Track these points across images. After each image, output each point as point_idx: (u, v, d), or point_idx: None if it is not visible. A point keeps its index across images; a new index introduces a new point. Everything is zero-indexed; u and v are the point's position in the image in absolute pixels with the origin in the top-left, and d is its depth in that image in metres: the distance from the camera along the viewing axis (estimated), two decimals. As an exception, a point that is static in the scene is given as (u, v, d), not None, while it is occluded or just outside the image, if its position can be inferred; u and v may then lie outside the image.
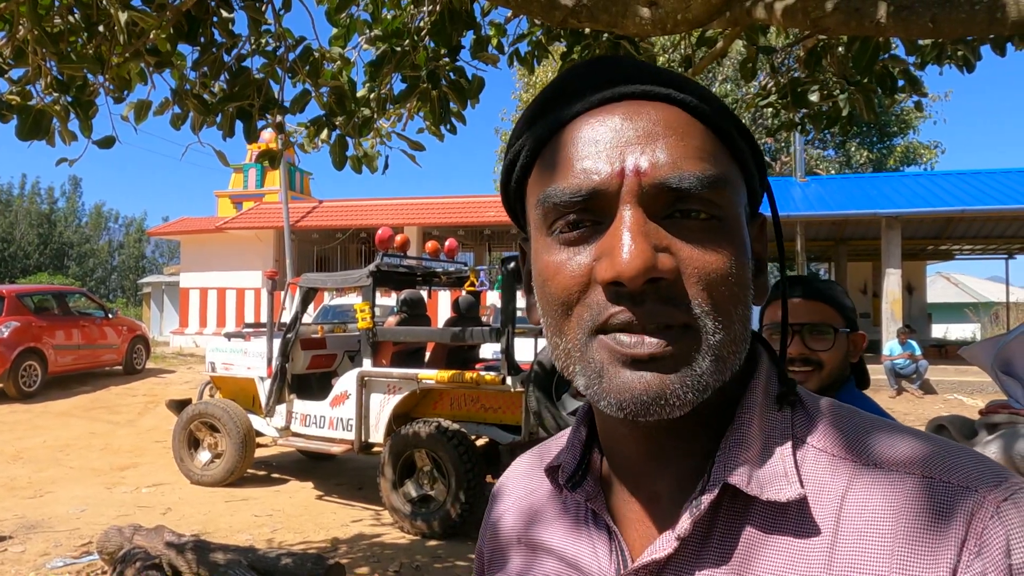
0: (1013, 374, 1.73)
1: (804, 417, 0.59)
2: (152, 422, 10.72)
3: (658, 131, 0.54)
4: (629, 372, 0.52)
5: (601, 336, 0.53)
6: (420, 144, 3.66)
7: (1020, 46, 3.83)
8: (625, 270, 0.50)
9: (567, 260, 0.55)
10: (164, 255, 49.31)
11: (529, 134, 0.60)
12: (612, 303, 0.52)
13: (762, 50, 3.88)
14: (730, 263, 0.54)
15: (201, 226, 20.41)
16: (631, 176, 0.53)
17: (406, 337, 6.74)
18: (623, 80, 0.57)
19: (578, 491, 0.63)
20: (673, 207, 0.53)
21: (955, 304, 29.39)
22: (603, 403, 0.53)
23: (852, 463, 0.54)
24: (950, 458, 0.52)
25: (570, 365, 0.56)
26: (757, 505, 0.55)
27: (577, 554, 0.63)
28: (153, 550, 4.37)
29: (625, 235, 0.51)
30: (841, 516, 0.52)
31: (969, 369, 12.78)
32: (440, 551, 5.46)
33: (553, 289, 0.56)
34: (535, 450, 0.78)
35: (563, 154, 0.56)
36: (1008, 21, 2.39)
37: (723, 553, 0.54)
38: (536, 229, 0.59)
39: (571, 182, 0.54)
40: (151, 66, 3.12)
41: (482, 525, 0.79)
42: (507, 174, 0.63)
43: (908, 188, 15.36)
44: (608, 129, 0.55)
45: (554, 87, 0.60)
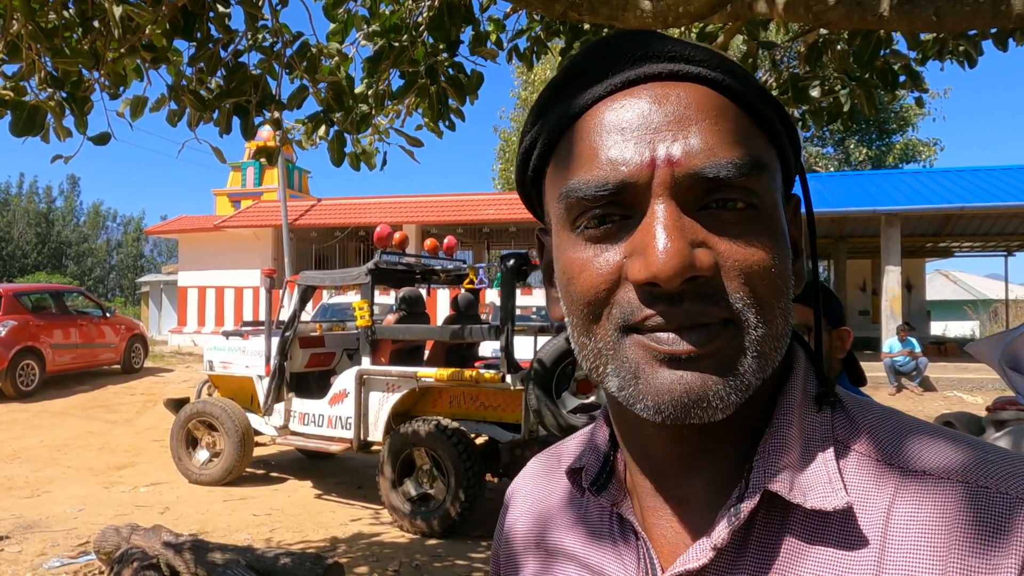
0: (1021, 370, 1.71)
1: (845, 419, 0.55)
2: (150, 421, 10.69)
3: (690, 115, 0.50)
4: (668, 372, 0.48)
5: (635, 335, 0.50)
6: (418, 140, 3.63)
7: (1021, 41, 3.81)
8: (661, 270, 0.46)
9: (594, 257, 0.51)
10: (162, 254, 49.32)
11: (546, 119, 0.56)
12: (646, 304, 0.49)
13: (763, 45, 3.86)
14: (771, 254, 0.50)
15: (199, 225, 20.38)
16: (663, 166, 0.49)
17: (405, 335, 6.72)
18: (649, 58, 0.52)
19: (603, 495, 0.60)
20: (708, 197, 0.50)
21: (954, 301, 29.42)
22: (639, 406, 0.50)
23: (899, 469, 0.51)
24: (1004, 466, 0.49)
25: (600, 366, 0.52)
26: (797, 513, 0.51)
27: (602, 562, 0.60)
28: (151, 550, 4.34)
29: (660, 232, 0.48)
30: (889, 527, 0.48)
31: (969, 366, 12.79)
32: (440, 550, 5.44)
33: (580, 288, 0.52)
34: (550, 451, 0.75)
35: (586, 143, 0.52)
36: (1013, 13, 2.37)
37: (761, 564, 0.51)
38: (559, 223, 0.55)
39: (596, 174, 0.50)
40: (147, 62, 3.09)
41: (496, 528, 0.76)
42: (523, 163, 0.59)
43: (907, 185, 15.35)
44: (635, 114, 0.50)
45: (573, 67, 0.55)
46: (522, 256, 5.78)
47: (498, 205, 18.67)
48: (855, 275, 19.69)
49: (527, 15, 4.00)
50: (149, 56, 3.02)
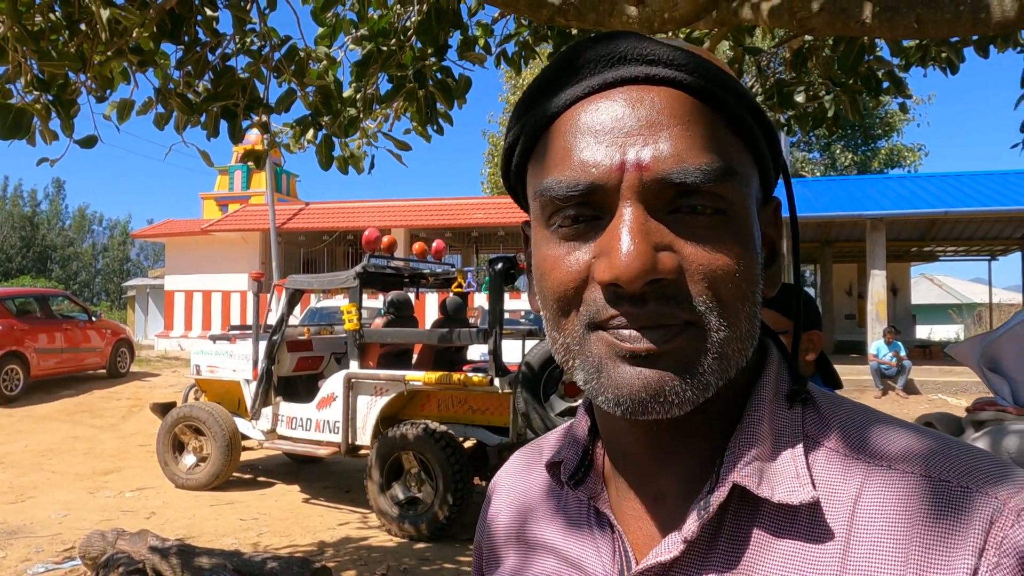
0: (999, 371, 1.73)
1: (815, 415, 0.57)
2: (136, 426, 10.62)
3: (662, 120, 0.51)
4: (628, 368, 0.50)
5: (600, 331, 0.51)
6: (406, 144, 3.64)
7: (1002, 48, 3.86)
8: (623, 272, 0.48)
9: (565, 255, 0.53)
10: (149, 258, 48.98)
11: (527, 118, 0.57)
12: (611, 304, 0.50)
13: (748, 51, 3.89)
14: (737, 259, 0.51)
15: (186, 228, 20.27)
16: (631, 170, 0.50)
17: (393, 339, 6.71)
18: (626, 61, 0.53)
19: (581, 488, 0.61)
20: (676, 202, 0.51)
21: (939, 305, 29.68)
22: (600, 399, 0.52)
23: (865, 463, 0.52)
24: (968, 460, 0.50)
25: (569, 360, 0.54)
26: (766, 507, 0.52)
27: (580, 554, 0.61)
28: (136, 555, 4.32)
29: (624, 235, 0.49)
30: (854, 520, 0.50)
31: (953, 369, 12.90)
32: (428, 553, 5.43)
33: (551, 284, 0.54)
34: (531, 446, 0.76)
35: (561, 143, 0.53)
36: (992, 21, 2.41)
37: (730, 556, 0.52)
38: (535, 220, 0.57)
39: (568, 175, 0.51)
40: (134, 65, 3.08)
41: (479, 522, 0.77)
42: (507, 158, 0.60)
43: (892, 190, 15.49)
44: (608, 117, 0.52)
45: (554, 67, 0.56)
46: (510, 260, 5.79)
47: (487, 209, 18.69)
48: (841, 279, 19.82)
49: (515, 20, 4.02)
50: (136, 59, 3.01)
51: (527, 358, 5.60)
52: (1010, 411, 1.61)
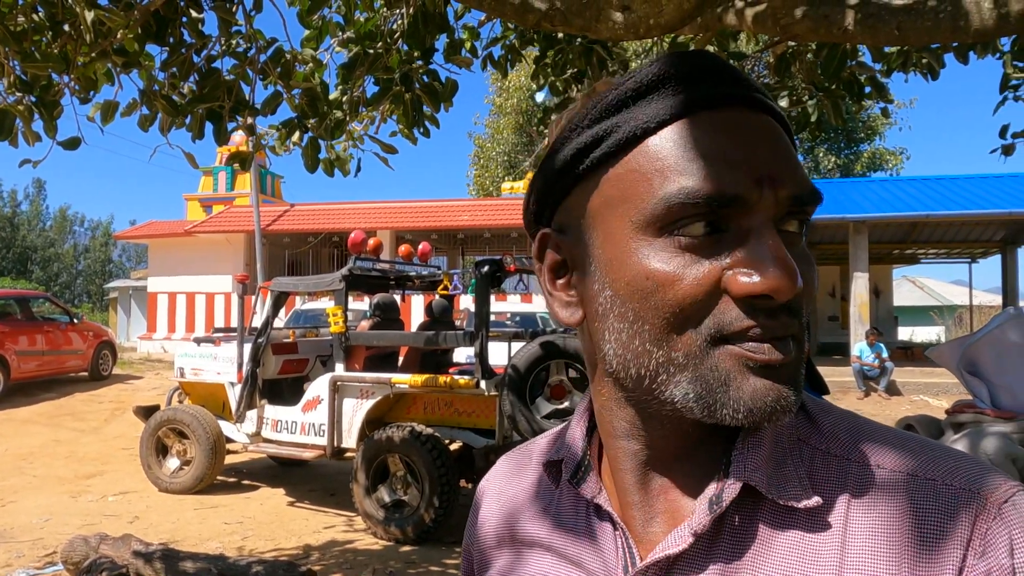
0: (978, 374, 1.76)
1: (806, 419, 0.60)
2: (119, 429, 10.52)
3: (780, 142, 0.54)
4: (759, 380, 0.52)
5: (727, 345, 0.52)
6: (392, 147, 3.64)
7: (981, 55, 3.92)
8: (782, 285, 0.50)
9: (686, 267, 0.52)
10: (131, 259, 48.60)
11: (628, 118, 0.55)
12: (747, 315, 0.52)
13: (733, 56, 3.93)
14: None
15: (170, 230, 20.11)
16: (768, 188, 0.52)
17: (379, 341, 6.70)
18: (732, 81, 0.55)
19: (583, 486, 0.63)
20: (785, 221, 0.54)
21: (920, 307, 29.98)
22: (726, 411, 0.52)
23: (857, 464, 0.56)
24: (951, 461, 0.54)
25: (664, 375, 0.54)
26: (768, 505, 0.55)
27: (578, 552, 0.62)
28: (120, 559, 4.28)
29: (776, 249, 0.51)
30: (849, 517, 0.53)
31: (934, 371, 13.03)
32: (414, 556, 5.42)
33: (671, 297, 0.52)
34: (519, 450, 0.77)
35: (686, 151, 0.52)
36: (971, 29, 2.44)
37: (735, 549, 0.55)
38: (636, 227, 0.54)
39: (707, 184, 0.51)
40: (118, 66, 3.06)
41: (467, 527, 0.77)
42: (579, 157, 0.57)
43: (875, 193, 15.64)
44: (736, 133, 0.53)
45: (655, 73, 0.55)
46: (496, 262, 5.80)
47: (473, 211, 18.69)
48: (824, 281, 19.97)
49: (501, 24, 4.03)
50: (120, 61, 2.99)
51: (513, 360, 5.61)
52: (988, 414, 1.64)
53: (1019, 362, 1.66)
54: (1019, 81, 4.04)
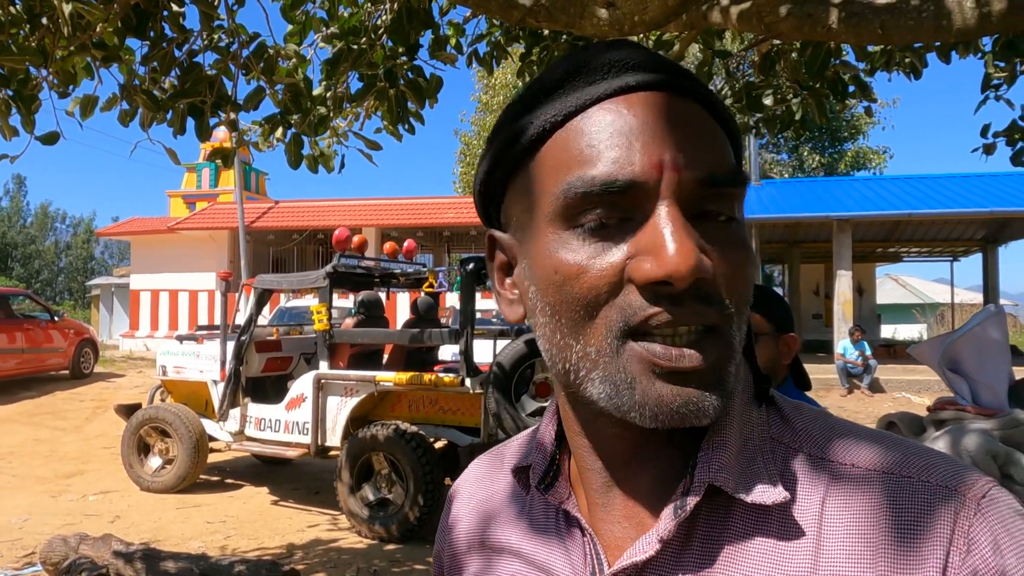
0: (959, 371, 1.77)
1: (779, 418, 0.58)
2: (100, 428, 10.42)
3: (691, 125, 0.52)
4: (665, 385, 0.50)
5: (633, 344, 0.51)
6: (377, 143, 3.62)
7: (963, 54, 3.95)
8: (677, 268, 0.48)
9: (593, 258, 0.51)
10: (114, 256, 48.15)
11: (530, 119, 0.55)
12: (650, 303, 0.50)
13: (718, 54, 3.93)
14: (746, 264, 0.53)
15: (152, 226, 19.94)
16: (670, 171, 0.50)
17: (363, 339, 6.67)
18: (644, 67, 0.54)
19: (551, 492, 0.61)
20: (701, 205, 0.52)
21: (903, 305, 30.25)
22: (634, 414, 0.51)
23: (830, 463, 0.54)
24: (925, 458, 0.53)
25: (585, 370, 0.53)
26: (739, 508, 0.53)
27: (547, 558, 0.61)
28: (100, 560, 4.23)
29: (673, 232, 0.49)
30: (824, 517, 0.51)
31: (916, 368, 13.15)
32: (398, 555, 5.41)
33: (578, 289, 0.51)
34: (492, 452, 0.75)
35: (587, 142, 0.52)
36: (953, 28, 2.46)
37: (705, 556, 0.53)
38: (549, 221, 0.54)
39: (603, 171, 0.50)
40: (98, 60, 3.02)
41: (439, 529, 0.76)
42: (495, 163, 0.58)
43: (858, 192, 15.76)
44: (638, 118, 0.52)
45: (563, 68, 0.55)
46: (482, 260, 5.78)
47: (458, 208, 18.65)
48: (808, 279, 20.11)
49: (486, 20, 4.01)
50: (100, 54, 2.95)
51: (498, 358, 5.60)
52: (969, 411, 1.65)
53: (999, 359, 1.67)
54: (1000, 81, 4.07)
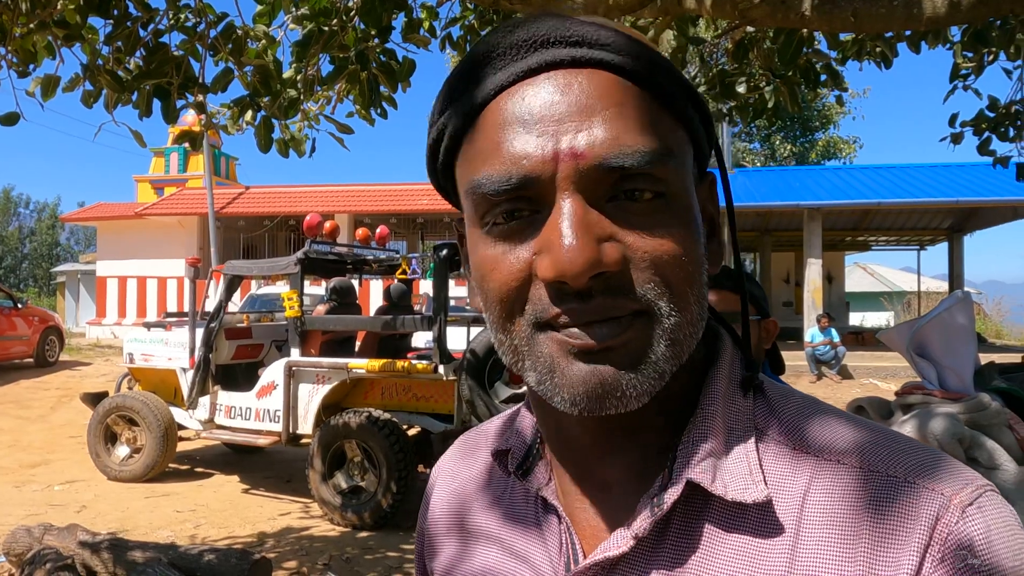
0: (927, 356, 1.80)
1: (765, 407, 0.56)
2: (66, 416, 10.24)
3: (593, 103, 0.48)
4: (581, 365, 0.48)
5: (550, 331, 0.49)
6: (349, 127, 3.57)
7: (933, 44, 3.99)
8: (568, 269, 0.46)
9: (504, 255, 0.50)
10: (80, 242, 47.24)
11: (450, 111, 0.53)
12: (556, 302, 0.48)
13: (692, 41, 3.93)
14: (681, 243, 0.49)
15: (119, 212, 19.58)
16: (566, 159, 0.47)
17: (336, 326, 6.62)
18: (552, 43, 0.50)
19: (529, 479, 0.60)
20: (616, 188, 0.48)
21: (871, 293, 30.76)
22: (556, 399, 0.50)
23: (814, 458, 0.52)
24: (914, 455, 0.50)
25: (518, 361, 0.52)
26: (717, 503, 0.52)
27: (526, 546, 0.59)
28: (65, 550, 4.16)
29: (565, 229, 0.46)
30: (803, 515, 0.49)
31: (884, 355, 13.40)
32: (371, 542, 5.39)
33: (492, 286, 0.51)
34: (474, 431, 0.74)
35: (489, 136, 0.50)
36: (924, 17, 2.48)
37: (680, 553, 0.51)
38: (468, 219, 0.53)
39: (499, 168, 0.48)
40: (59, 39, 2.94)
41: (421, 508, 0.75)
42: (432, 155, 0.57)
43: (829, 181, 15.96)
44: (537, 105, 0.49)
45: (474, 56, 0.52)
46: (455, 246, 5.75)
47: (432, 195, 18.53)
48: (779, 267, 20.37)
49: (460, 3, 3.97)
50: (61, 33, 2.87)
51: (472, 345, 5.59)
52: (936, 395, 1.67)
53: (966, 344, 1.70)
54: (968, 71, 4.13)
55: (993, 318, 20.74)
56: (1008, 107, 4.08)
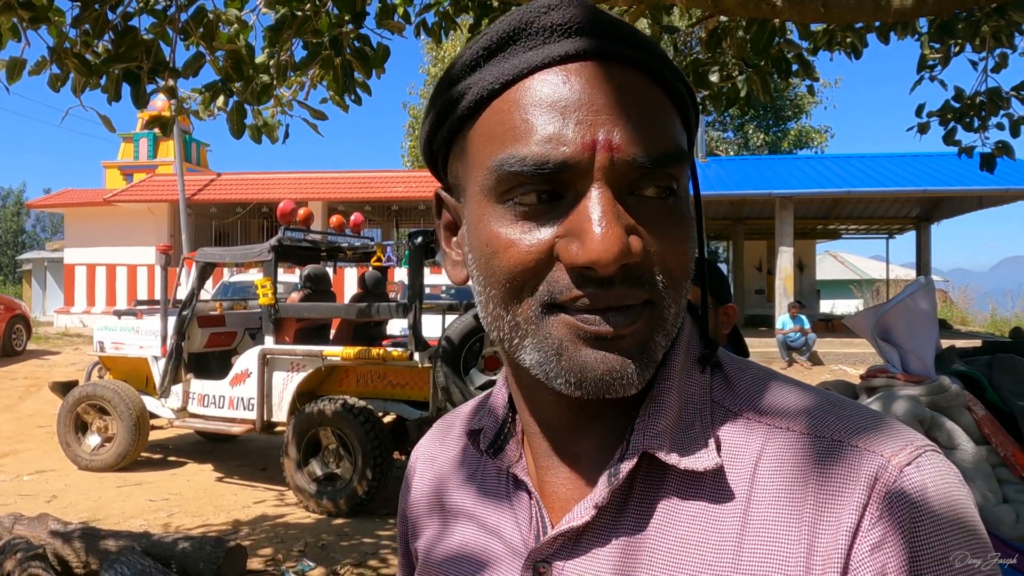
0: (890, 341, 1.84)
1: (723, 380, 0.58)
2: (34, 406, 10.08)
3: (627, 100, 0.50)
4: (591, 351, 0.50)
5: (561, 313, 0.51)
6: (322, 113, 3.54)
7: (901, 35, 4.05)
8: (602, 256, 0.47)
9: (523, 234, 0.51)
10: (46, 230, 46.29)
11: (470, 84, 0.54)
12: (577, 286, 0.50)
13: (666, 29, 3.95)
14: (686, 240, 0.53)
15: (87, 198, 19.21)
16: (603, 151, 0.49)
17: (310, 313, 6.58)
18: (588, 33, 0.51)
19: (500, 456, 0.62)
20: (637, 184, 0.51)
21: (841, 281, 31.19)
22: (560, 381, 0.52)
23: (766, 426, 0.54)
24: (858, 420, 0.52)
25: (517, 339, 0.53)
26: (674, 472, 0.54)
27: (498, 521, 0.62)
28: (36, 540, 4.12)
29: (600, 217, 0.48)
30: (755, 481, 0.52)
31: (853, 341, 13.63)
32: (347, 529, 5.40)
33: (506, 263, 0.51)
34: (451, 414, 0.77)
35: (521, 116, 0.51)
36: (891, 9, 2.52)
37: (640, 520, 0.54)
38: (483, 193, 0.53)
39: (534, 151, 0.49)
40: (24, 21, 2.88)
41: (402, 490, 0.77)
42: (437, 123, 0.57)
43: (800, 170, 16.13)
44: (574, 93, 0.50)
45: (504, 30, 0.53)
46: (430, 234, 5.74)
47: (407, 182, 18.45)
48: (752, 255, 20.57)
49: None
50: (27, 15, 2.81)
51: (447, 332, 5.60)
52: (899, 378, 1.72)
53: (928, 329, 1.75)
54: (935, 62, 4.20)
55: (959, 305, 21.16)
56: (973, 98, 4.16)
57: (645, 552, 0.53)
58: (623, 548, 0.54)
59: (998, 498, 1.62)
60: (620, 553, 0.54)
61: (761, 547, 0.49)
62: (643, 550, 0.53)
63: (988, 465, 1.63)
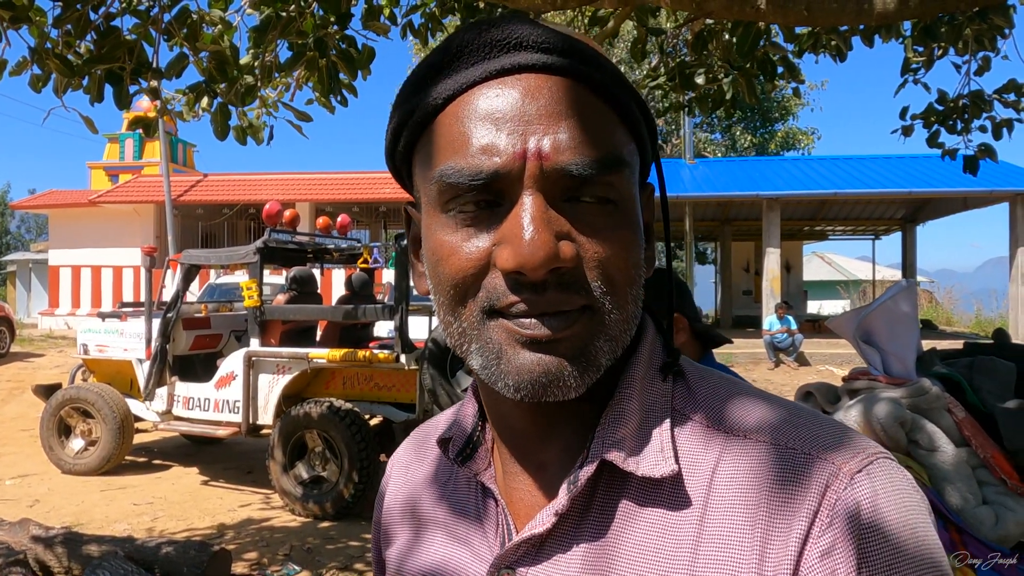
0: (872, 343, 1.85)
1: (684, 388, 0.59)
2: (17, 409, 9.99)
3: (560, 110, 0.52)
4: (528, 354, 0.51)
5: (500, 318, 0.52)
6: (307, 115, 3.53)
7: (886, 38, 4.08)
8: (528, 261, 0.49)
9: (463, 242, 0.53)
10: (31, 231, 45.89)
11: (420, 97, 0.56)
12: (512, 291, 0.51)
13: (652, 32, 3.96)
14: (626, 247, 0.53)
15: (72, 200, 19.05)
16: (532, 159, 0.50)
17: (296, 316, 6.55)
18: (524, 47, 0.53)
19: (468, 465, 0.63)
20: (572, 191, 0.52)
21: (828, 282, 31.37)
22: (500, 384, 0.53)
23: (724, 435, 0.55)
24: (814, 429, 0.53)
25: (464, 344, 0.55)
26: (634, 480, 0.55)
27: (467, 530, 0.62)
28: (17, 545, 4.07)
29: (528, 224, 0.49)
30: (712, 489, 0.52)
31: (839, 342, 13.70)
32: (332, 532, 5.37)
33: (448, 270, 0.53)
34: (425, 425, 0.78)
35: (460, 128, 0.52)
36: (874, 12, 2.54)
37: (601, 527, 0.55)
38: (429, 204, 0.56)
39: (470, 162, 0.51)
40: (5, 21, 2.85)
41: (377, 498, 0.78)
42: (394, 138, 0.59)
43: (787, 172, 16.22)
44: (509, 104, 0.52)
45: (446, 50, 0.55)
46: (417, 235, 5.73)
47: (395, 184, 18.34)
48: (739, 256, 20.66)
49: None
50: (7, 15, 2.78)
51: (433, 334, 5.59)
52: (881, 380, 1.73)
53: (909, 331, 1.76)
54: (919, 65, 4.23)
55: (944, 306, 21.32)
56: (956, 101, 4.19)
57: (605, 558, 0.54)
58: (585, 554, 0.55)
59: (978, 500, 1.62)
60: (582, 559, 0.54)
61: (716, 554, 0.50)
62: (604, 556, 0.54)
63: (968, 467, 1.64)
